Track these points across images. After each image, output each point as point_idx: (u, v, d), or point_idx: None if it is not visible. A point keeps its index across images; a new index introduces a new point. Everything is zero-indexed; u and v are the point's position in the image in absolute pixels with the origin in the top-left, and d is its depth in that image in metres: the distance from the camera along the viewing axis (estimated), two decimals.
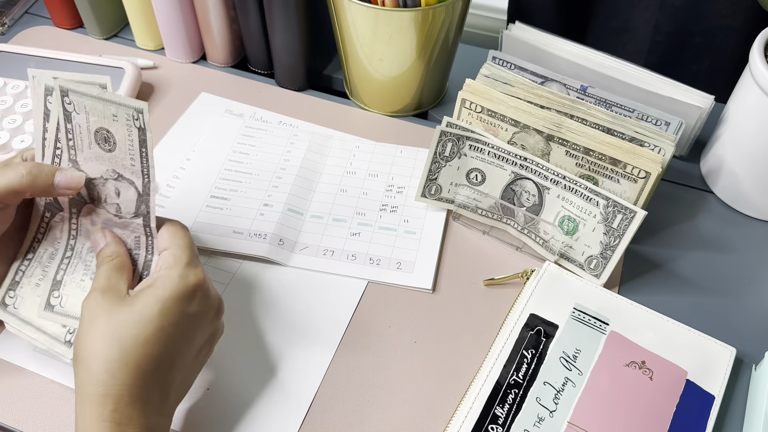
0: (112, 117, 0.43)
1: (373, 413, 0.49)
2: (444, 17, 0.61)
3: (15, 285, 0.48)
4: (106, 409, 0.38)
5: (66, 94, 0.44)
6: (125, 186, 0.46)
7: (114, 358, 0.38)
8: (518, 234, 0.59)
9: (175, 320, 0.40)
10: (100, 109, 0.43)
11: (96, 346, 0.39)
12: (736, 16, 0.69)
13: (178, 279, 0.41)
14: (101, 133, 0.44)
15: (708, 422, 0.47)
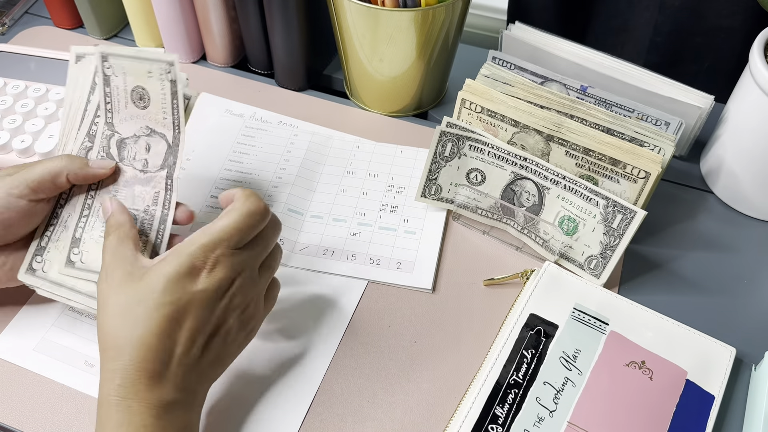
0: (147, 74, 0.47)
1: (373, 413, 0.49)
2: (444, 17, 0.61)
3: (41, 250, 0.49)
4: (114, 384, 0.39)
5: (106, 58, 0.48)
6: (156, 140, 0.49)
7: (120, 334, 0.40)
8: (518, 234, 0.59)
9: (177, 296, 0.40)
10: (136, 67, 0.47)
11: (107, 325, 0.40)
12: (736, 16, 0.69)
13: (186, 257, 0.41)
14: (137, 91, 0.48)
15: (708, 422, 0.47)
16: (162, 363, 0.40)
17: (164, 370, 0.40)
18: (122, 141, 0.50)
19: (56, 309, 0.54)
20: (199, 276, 0.41)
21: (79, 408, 0.48)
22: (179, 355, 0.40)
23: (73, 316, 0.53)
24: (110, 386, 0.39)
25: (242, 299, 0.43)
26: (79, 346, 0.52)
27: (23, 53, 0.72)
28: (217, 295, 0.42)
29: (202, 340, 0.42)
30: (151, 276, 0.41)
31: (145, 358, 0.39)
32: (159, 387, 0.40)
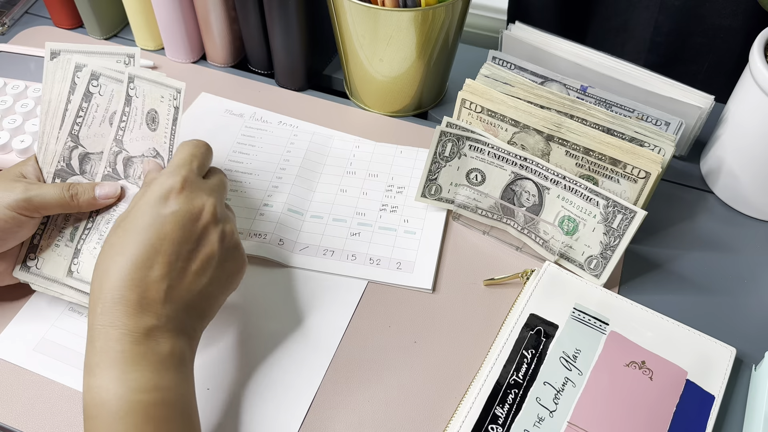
0: (160, 98, 0.49)
1: (373, 413, 0.49)
2: (444, 17, 0.61)
3: (34, 248, 0.52)
4: (95, 313, 0.40)
5: (132, 80, 0.50)
6: (159, 161, 0.51)
7: (101, 267, 0.42)
8: (518, 234, 0.59)
9: (148, 221, 0.42)
10: (154, 91, 0.49)
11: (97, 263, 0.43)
12: (736, 16, 0.69)
13: (155, 185, 0.43)
14: (151, 114, 0.49)
15: (708, 422, 0.47)
16: (140, 290, 0.41)
17: (142, 296, 0.41)
18: (130, 159, 0.51)
19: (56, 309, 0.54)
20: (168, 199, 0.43)
21: (79, 408, 0.48)
22: (157, 280, 0.41)
23: (73, 316, 0.53)
24: (93, 317, 0.40)
25: (216, 219, 0.44)
26: (79, 346, 0.52)
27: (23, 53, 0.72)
28: (191, 216, 0.43)
29: (180, 264, 0.42)
30: (128, 212, 0.43)
31: (123, 285, 0.40)
32: (137, 313, 0.40)
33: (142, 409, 0.39)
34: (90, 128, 0.52)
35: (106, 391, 0.39)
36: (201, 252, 0.43)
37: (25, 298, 0.54)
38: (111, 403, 0.38)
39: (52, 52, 0.52)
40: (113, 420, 0.38)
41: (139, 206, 0.43)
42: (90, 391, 0.39)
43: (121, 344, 0.40)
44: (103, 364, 0.39)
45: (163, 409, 0.39)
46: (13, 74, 0.70)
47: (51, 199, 0.48)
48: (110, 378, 0.39)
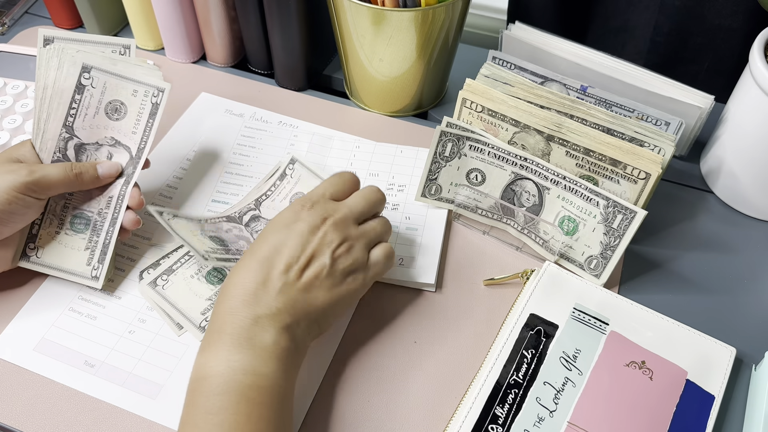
0: (131, 93, 0.51)
1: (373, 413, 0.49)
2: (444, 17, 0.61)
3: (33, 238, 0.54)
4: (220, 300, 0.45)
5: (88, 70, 0.51)
6: (119, 151, 0.54)
7: (238, 265, 0.47)
8: (518, 234, 0.59)
9: (279, 230, 0.48)
10: (121, 85, 0.51)
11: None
12: (736, 16, 0.69)
13: (293, 204, 0.50)
14: (114, 104, 0.52)
15: (708, 422, 0.47)
16: (258, 282, 0.45)
17: (258, 288, 0.45)
18: (81, 146, 0.53)
19: (56, 309, 0.54)
20: (299, 213, 0.48)
21: (79, 408, 0.48)
22: (274, 277, 0.45)
23: (73, 316, 0.53)
24: (217, 303, 0.45)
25: (333, 236, 0.48)
26: (79, 346, 0.52)
27: (23, 53, 0.72)
28: (311, 228, 0.48)
29: (298, 267, 0.46)
30: (266, 226, 0.49)
31: (246, 277, 0.45)
32: (252, 302, 0.44)
33: (239, 388, 0.41)
34: (84, 120, 0.53)
35: (209, 368, 0.42)
36: (315, 261, 0.47)
37: (25, 298, 0.54)
38: (212, 379, 0.42)
39: (45, 39, 0.53)
40: (212, 395, 0.41)
41: (276, 217, 0.49)
42: (198, 366, 0.43)
43: (232, 328, 0.43)
44: (214, 344, 0.43)
45: (257, 393, 0.42)
46: (13, 74, 0.70)
47: (57, 178, 0.51)
48: (216, 357, 0.43)
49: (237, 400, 0.41)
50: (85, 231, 0.53)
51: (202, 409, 0.41)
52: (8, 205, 0.49)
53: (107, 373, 0.50)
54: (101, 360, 0.51)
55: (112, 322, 0.53)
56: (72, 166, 0.52)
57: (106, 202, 0.54)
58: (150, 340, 0.52)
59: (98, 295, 0.55)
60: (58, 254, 0.54)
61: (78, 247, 0.53)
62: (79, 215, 0.54)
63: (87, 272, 0.53)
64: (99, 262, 0.53)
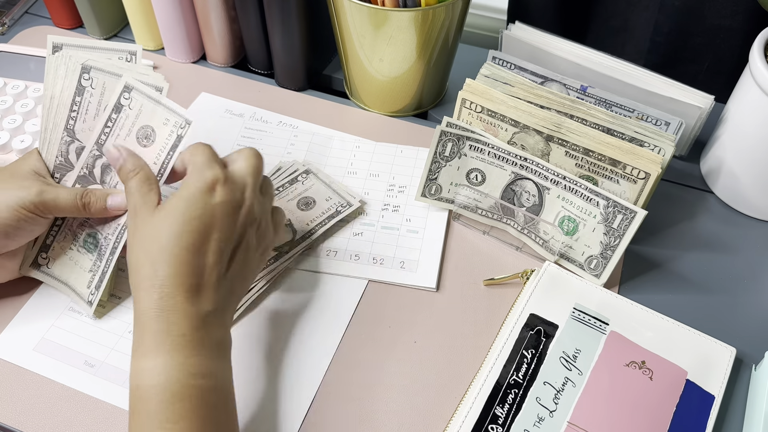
0: (163, 120, 0.49)
1: (373, 413, 0.49)
2: (444, 17, 0.61)
3: (46, 248, 0.54)
4: (152, 299, 0.41)
5: (129, 89, 0.50)
6: None
7: (154, 255, 0.42)
8: (518, 234, 0.59)
9: (200, 212, 0.43)
10: (155, 111, 0.49)
11: (139, 251, 0.43)
12: (736, 16, 0.69)
13: (196, 178, 0.44)
14: (145, 130, 0.49)
15: (708, 422, 0.47)
16: (197, 275, 0.42)
17: (200, 282, 0.42)
18: (108, 167, 0.52)
19: (56, 309, 0.54)
20: (214, 190, 0.44)
21: (79, 408, 0.48)
22: (210, 266, 0.43)
23: (73, 316, 0.53)
24: (149, 301, 0.41)
25: (254, 212, 0.46)
26: (79, 346, 0.52)
27: (23, 53, 0.72)
28: (234, 206, 0.44)
29: (228, 251, 0.44)
30: (172, 201, 0.44)
31: (181, 272, 0.42)
32: (196, 299, 0.42)
33: (199, 394, 0.40)
34: (85, 122, 0.52)
35: (163, 374, 0.40)
36: (242, 242, 0.45)
37: (25, 298, 0.54)
38: (166, 386, 0.39)
39: (54, 46, 0.52)
40: (168, 403, 0.39)
41: (187, 195, 0.44)
42: (143, 373, 0.40)
43: (182, 329, 0.41)
44: (162, 348, 0.40)
45: (215, 395, 0.41)
46: (13, 74, 0.70)
47: (64, 204, 0.49)
48: (168, 361, 0.40)
49: (197, 405, 0.40)
50: (93, 251, 0.53)
51: (157, 418, 0.39)
52: (16, 222, 0.48)
53: (107, 373, 0.50)
54: (101, 360, 0.51)
55: (112, 322, 0.53)
56: (83, 195, 0.50)
57: (113, 228, 0.52)
58: None
59: None
60: (66, 269, 0.53)
61: (84, 267, 0.53)
62: (93, 234, 0.53)
63: (85, 294, 0.53)
64: (96, 288, 0.52)
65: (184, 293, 0.42)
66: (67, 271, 0.53)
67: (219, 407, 0.41)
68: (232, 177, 0.45)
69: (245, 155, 0.47)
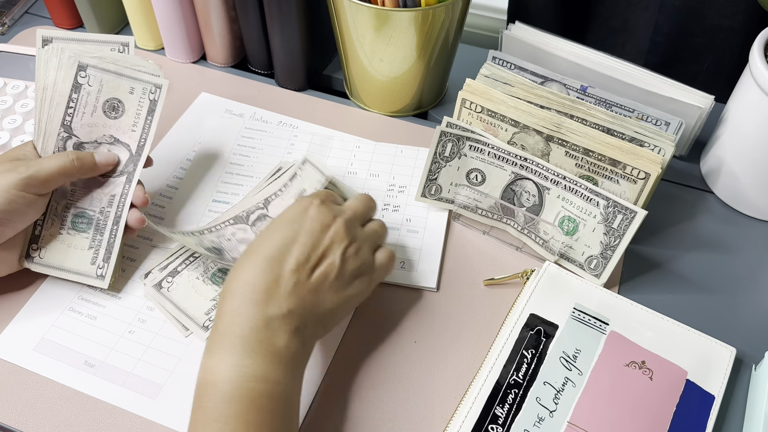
0: (128, 90, 0.50)
1: (373, 413, 0.49)
2: (444, 17, 0.61)
3: (36, 239, 0.54)
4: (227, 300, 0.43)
5: (84, 68, 0.51)
6: (119, 148, 0.54)
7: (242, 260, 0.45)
8: (518, 234, 0.59)
9: (288, 225, 0.46)
10: (117, 83, 0.50)
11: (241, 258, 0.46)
12: (736, 16, 0.69)
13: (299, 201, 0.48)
14: (111, 102, 0.51)
15: (708, 422, 0.47)
16: (268, 282, 0.43)
17: (269, 287, 0.43)
18: (80, 145, 0.53)
19: (56, 309, 0.54)
20: (308, 210, 0.47)
21: (79, 408, 0.48)
22: (285, 275, 0.44)
23: (73, 316, 0.53)
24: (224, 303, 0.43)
25: (343, 236, 0.47)
26: (79, 346, 0.52)
27: (23, 53, 0.72)
28: (323, 225, 0.46)
29: (308, 265, 0.45)
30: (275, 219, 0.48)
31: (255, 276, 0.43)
32: (263, 303, 0.43)
33: (249, 396, 0.40)
34: (82, 118, 0.53)
35: (218, 373, 0.41)
36: (327, 258, 0.46)
37: (25, 298, 0.54)
38: (221, 385, 0.40)
39: (43, 39, 0.53)
40: (220, 402, 0.40)
41: (284, 213, 0.47)
42: (204, 370, 0.42)
43: (243, 330, 0.42)
44: (222, 347, 0.42)
45: (268, 401, 0.41)
46: (13, 74, 0.70)
47: (54, 167, 0.50)
48: (225, 361, 0.41)
49: (247, 408, 0.40)
50: (87, 230, 0.53)
51: (210, 415, 0.40)
52: (8, 205, 0.48)
53: (107, 373, 0.50)
54: (101, 360, 0.51)
55: (112, 322, 0.53)
56: (69, 153, 0.51)
57: (108, 200, 0.53)
58: (150, 340, 0.52)
59: (98, 295, 0.55)
60: (61, 254, 0.54)
61: (81, 246, 0.53)
62: (81, 214, 0.53)
63: (92, 271, 0.53)
64: (104, 261, 0.53)
65: (253, 296, 0.43)
66: (62, 256, 0.54)
67: (274, 414, 0.41)
68: (331, 204, 0.48)
69: (359, 196, 0.51)
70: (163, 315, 0.53)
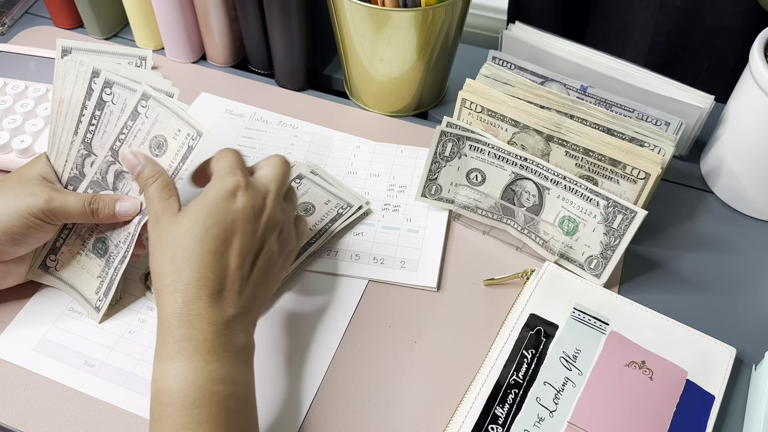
0: (175, 131, 0.49)
1: (373, 413, 0.49)
2: (444, 17, 0.61)
3: (55, 251, 0.54)
4: (176, 303, 0.41)
5: (146, 98, 0.49)
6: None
7: (178, 259, 0.42)
8: (518, 234, 0.59)
9: (222, 216, 0.43)
10: (170, 121, 0.49)
11: (163, 256, 0.43)
12: (736, 17, 0.69)
13: (218, 184, 0.45)
14: (158, 139, 0.49)
15: (708, 422, 0.47)
16: (219, 280, 0.42)
17: (222, 286, 0.42)
18: (121, 173, 0.51)
19: (56, 309, 0.54)
20: (236, 196, 0.44)
21: (79, 408, 0.48)
22: (233, 271, 0.43)
23: (73, 316, 0.53)
24: (172, 306, 0.41)
25: (276, 218, 0.46)
26: (79, 346, 0.52)
27: (23, 53, 0.72)
28: (256, 212, 0.45)
29: (250, 257, 0.44)
30: (195, 206, 0.44)
31: (205, 276, 0.42)
32: (219, 303, 0.42)
33: (218, 399, 0.39)
34: (103, 137, 0.52)
35: (183, 379, 0.39)
36: (264, 248, 0.45)
37: (25, 298, 0.54)
38: (187, 391, 0.39)
39: (63, 50, 0.52)
40: (188, 408, 0.39)
41: (209, 201, 0.44)
42: (164, 377, 0.40)
43: (204, 333, 0.41)
44: (184, 353, 0.40)
45: (234, 402, 0.40)
46: (13, 74, 0.70)
47: (72, 210, 0.49)
48: (189, 366, 0.40)
49: (217, 411, 0.39)
50: (102, 257, 0.53)
51: (177, 423, 0.39)
52: (25, 229, 0.48)
53: (107, 373, 0.50)
54: (101, 360, 0.51)
55: (112, 322, 0.53)
56: (91, 200, 0.50)
57: (125, 236, 0.52)
58: (150, 340, 0.52)
59: None
60: (74, 273, 0.54)
61: (93, 272, 0.53)
62: (102, 240, 0.53)
63: (93, 300, 0.53)
64: (104, 295, 0.52)
65: (207, 298, 0.42)
66: (75, 275, 0.54)
67: (240, 414, 0.41)
68: (255, 183, 0.46)
69: (271, 162, 0.48)
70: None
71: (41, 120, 0.65)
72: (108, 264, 0.52)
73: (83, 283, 0.53)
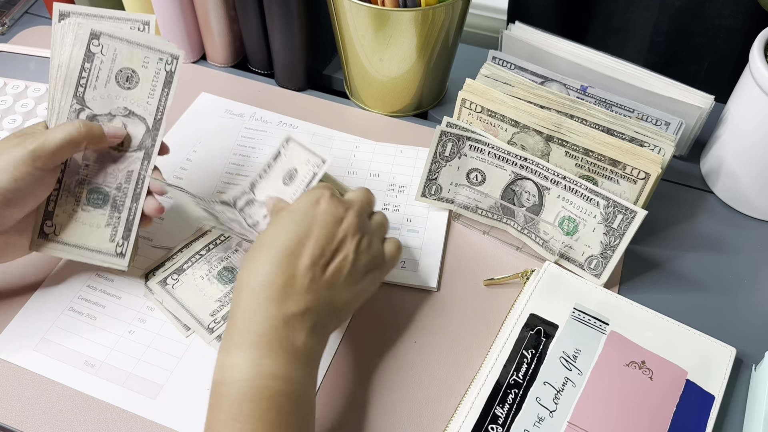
0: (143, 60, 0.48)
1: (373, 413, 0.49)
2: (444, 17, 0.61)
3: (50, 215, 0.52)
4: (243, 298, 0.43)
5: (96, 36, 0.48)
6: (134, 121, 0.51)
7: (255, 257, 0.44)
8: (518, 234, 0.59)
9: (301, 220, 0.45)
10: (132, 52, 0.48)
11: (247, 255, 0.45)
12: (736, 16, 0.69)
13: (306, 194, 0.47)
14: (125, 72, 0.49)
15: (708, 422, 0.47)
16: (286, 277, 0.43)
17: (288, 284, 0.43)
18: (94, 117, 0.50)
19: (56, 309, 0.54)
20: (319, 203, 0.46)
21: (79, 408, 0.48)
22: (301, 270, 0.43)
23: (73, 316, 0.53)
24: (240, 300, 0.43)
25: (356, 228, 0.46)
26: (79, 346, 0.52)
27: (23, 53, 0.72)
28: (335, 219, 0.46)
29: (325, 258, 0.45)
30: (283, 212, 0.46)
31: (272, 272, 0.43)
32: (281, 300, 0.42)
33: (269, 395, 0.40)
34: (96, 90, 0.50)
35: (239, 371, 0.40)
36: (341, 252, 0.45)
37: (25, 298, 0.54)
38: (240, 384, 0.40)
39: (60, 14, 0.50)
40: (240, 401, 0.39)
41: (294, 207, 0.46)
42: (222, 368, 0.41)
43: (262, 328, 0.41)
44: (242, 345, 0.41)
45: (286, 400, 0.40)
46: (13, 74, 0.70)
47: (62, 136, 0.47)
48: (245, 359, 0.40)
49: (266, 407, 0.39)
50: (104, 206, 0.51)
51: (227, 414, 0.39)
52: (15, 182, 0.46)
53: (107, 373, 0.50)
54: (101, 360, 0.51)
55: (112, 322, 0.53)
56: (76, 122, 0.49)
57: (125, 176, 0.51)
58: (150, 340, 0.52)
59: (98, 295, 0.55)
60: (78, 232, 0.51)
61: (98, 223, 0.51)
62: (96, 190, 0.51)
63: (111, 249, 0.51)
64: (124, 239, 0.51)
65: (271, 293, 0.42)
66: (79, 234, 0.52)
67: (294, 415, 0.40)
68: (339, 197, 0.48)
69: (358, 189, 0.50)
70: (164, 314, 0.53)
71: (41, 120, 0.64)
72: (115, 209, 0.51)
73: (91, 238, 0.52)
